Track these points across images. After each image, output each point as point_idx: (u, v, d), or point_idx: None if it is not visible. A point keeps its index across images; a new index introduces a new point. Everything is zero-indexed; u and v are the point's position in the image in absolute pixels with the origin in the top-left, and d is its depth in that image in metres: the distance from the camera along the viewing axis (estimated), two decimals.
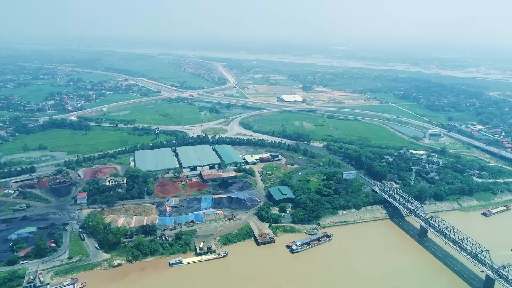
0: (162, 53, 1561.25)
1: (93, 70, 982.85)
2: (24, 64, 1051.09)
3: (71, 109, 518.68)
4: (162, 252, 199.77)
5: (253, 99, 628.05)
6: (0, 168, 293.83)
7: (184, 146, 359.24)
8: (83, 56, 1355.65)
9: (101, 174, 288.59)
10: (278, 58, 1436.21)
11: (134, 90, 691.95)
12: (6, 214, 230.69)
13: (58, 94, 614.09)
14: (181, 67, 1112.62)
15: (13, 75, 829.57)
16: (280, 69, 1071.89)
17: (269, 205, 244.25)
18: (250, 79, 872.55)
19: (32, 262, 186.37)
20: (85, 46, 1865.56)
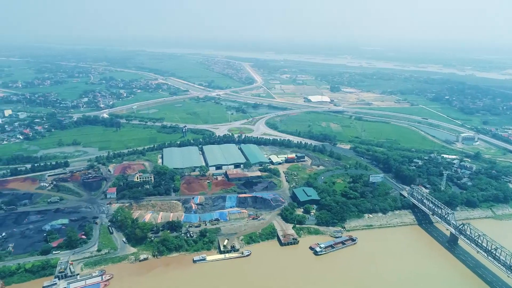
0: (191, 53, 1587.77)
1: (124, 69, 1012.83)
2: (61, 63, 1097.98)
3: (103, 107, 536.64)
4: (187, 248, 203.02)
5: (279, 99, 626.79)
6: (37, 162, 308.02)
7: (211, 144, 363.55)
8: (116, 55, 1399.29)
9: (130, 170, 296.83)
10: (306, 59, 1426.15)
11: (164, 89, 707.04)
12: (41, 205, 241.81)
13: (92, 92, 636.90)
14: (209, 66, 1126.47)
15: (50, 73, 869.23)
16: (307, 69, 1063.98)
17: (294, 206, 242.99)
18: (277, 79, 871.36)
19: (64, 253, 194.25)
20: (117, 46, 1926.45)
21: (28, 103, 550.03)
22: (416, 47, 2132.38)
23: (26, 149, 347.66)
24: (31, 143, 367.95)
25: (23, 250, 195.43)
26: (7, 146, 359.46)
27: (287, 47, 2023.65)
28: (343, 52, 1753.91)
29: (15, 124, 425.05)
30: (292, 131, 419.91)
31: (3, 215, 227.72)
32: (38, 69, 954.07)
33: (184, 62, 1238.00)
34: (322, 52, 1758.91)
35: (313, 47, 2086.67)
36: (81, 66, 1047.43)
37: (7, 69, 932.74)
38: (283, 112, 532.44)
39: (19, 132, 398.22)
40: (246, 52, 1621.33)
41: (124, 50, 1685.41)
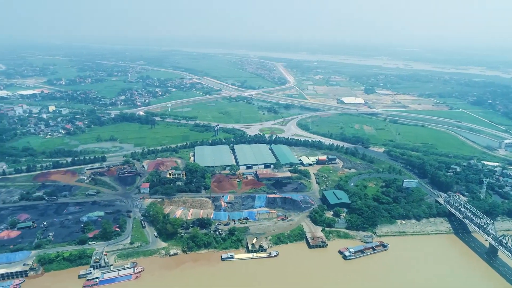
0: (225, 53, 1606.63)
1: (160, 68, 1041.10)
2: (101, 62, 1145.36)
3: (140, 105, 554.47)
4: (215, 246, 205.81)
5: (312, 100, 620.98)
6: (77, 156, 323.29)
7: (242, 144, 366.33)
8: (153, 55, 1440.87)
9: (163, 166, 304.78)
10: (340, 60, 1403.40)
11: (197, 88, 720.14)
12: (80, 198, 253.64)
13: (129, 90, 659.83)
14: (243, 66, 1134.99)
15: (91, 72, 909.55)
16: (341, 70, 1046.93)
17: (323, 209, 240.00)
18: (310, 80, 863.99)
19: (99, 244, 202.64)
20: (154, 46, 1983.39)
21: (70, 99, 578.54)
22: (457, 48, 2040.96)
23: (67, 144, 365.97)
24: (72, 138, 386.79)
25: (62, 239, 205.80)
26: (51, 140, 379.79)
27: (321, 48, 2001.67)
28: (378, 53, 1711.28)
29: (58, 120, 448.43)
30: (323, 132, 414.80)
31: (45, 205, 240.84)
32: (80, 67, 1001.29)
33: (218, 62, 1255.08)
34: (357, 53, 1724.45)
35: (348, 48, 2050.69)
36: (120, 65, 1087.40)
37: (53, 67, 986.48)
38: (315, 113, 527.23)
39: (61, 127, 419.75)
40: (279, 53, 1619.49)
41: (161, 50, 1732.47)
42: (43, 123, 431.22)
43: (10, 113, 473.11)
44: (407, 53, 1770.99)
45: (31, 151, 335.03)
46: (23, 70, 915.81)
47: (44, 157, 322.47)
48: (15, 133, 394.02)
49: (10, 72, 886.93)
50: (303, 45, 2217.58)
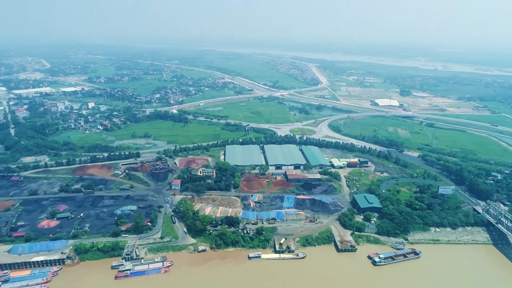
0: (258, 53, 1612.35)
1: (194, 67, 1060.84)
2: (138, 61, 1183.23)
3: (173, 103, 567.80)
4: (243, 244, 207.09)
5: (344, 102, 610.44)
6: (113, 151, 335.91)
7: (272, 144, 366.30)
8: (187, 54, 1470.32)
9: (194, 164, 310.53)
10: (375, 60, 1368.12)
11: (230, 88, 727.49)
12: (114, 191, 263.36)
13: (164, 88, 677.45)
14: (275, 67, 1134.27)
15: (128, 70, 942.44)
16: (376, 71, 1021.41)
17: (353, 212, 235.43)
18: (343, 81, 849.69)
19: (131, 237, 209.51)
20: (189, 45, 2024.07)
21: (108, 97, 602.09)
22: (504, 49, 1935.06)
23: (104, 139, 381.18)
24: (109, 134, 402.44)
25: (96, 230, 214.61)
26: (89, 135, 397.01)
27: (356, 49, 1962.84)
28: (416, 54, 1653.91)
29: (96, 116, 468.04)
30: (356, 135, 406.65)
31: (83, 198, 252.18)
32: (119, 66, 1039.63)
33: (250, 62, 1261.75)
34: (394, 54, 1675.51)
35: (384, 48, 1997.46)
36: (156, 64, 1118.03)
37: (93, 66, 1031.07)
38: (347, 115, 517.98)
39: (99, 123, 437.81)
40: (313, 53, 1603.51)
41: (195, 49, 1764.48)
42: (83, 119, 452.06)
43: (53, 108, 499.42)
44: (447, 54, 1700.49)
45: (71, 145, 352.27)
46: (66, 68, 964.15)
47: (82, 152, 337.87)
48: (57, 128, 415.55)
49: (55, 70, 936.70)
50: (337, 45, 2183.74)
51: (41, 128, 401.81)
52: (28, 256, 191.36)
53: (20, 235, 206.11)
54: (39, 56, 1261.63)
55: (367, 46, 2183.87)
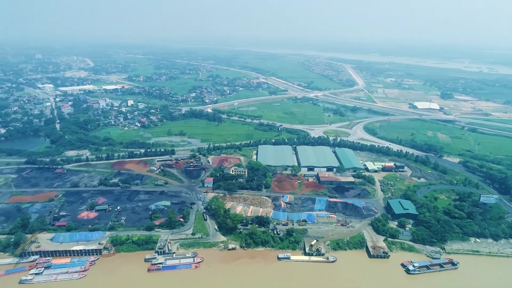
0: (293, 53, 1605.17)
1: (229, 67, 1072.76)
2: (176, 61, 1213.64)
3: (208, 102, 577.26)
4: (273, 245, 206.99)
5: (381, 104, 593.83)
6: (149, 148, 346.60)
7: (304, 145, 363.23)
8: (223, 54, 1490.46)
9: (226, 163, 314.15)
10: (415, 62, 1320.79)
11: (264, 88, 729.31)
12: (149, 187, 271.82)
13: (199, 88, 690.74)
14: (310, 67, 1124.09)
15: (166, 70, 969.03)
16: (415, 73, 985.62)
17: (387, 218, 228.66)
18: (380, 83, 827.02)
19: (164, 231, 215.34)
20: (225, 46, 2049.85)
21: (146, 95, 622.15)
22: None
23: (142, 136, 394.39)
24: (146, 131, 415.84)
25: (132, 224, 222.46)
26: (127, 132, 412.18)
27: (395, 49, 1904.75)
28: (460, 56, 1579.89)
29: (135, 113, 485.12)
30: (392, 138, 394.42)
31: (120, 192, 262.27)
32: (157, 65, 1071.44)
33: (285, 62, 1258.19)
34: (435, 55, 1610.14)
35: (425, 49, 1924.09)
36: (192, 64, 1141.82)
37: (133, 65, 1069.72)
38: (384, 117, 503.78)
39: (137, 120, 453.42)
40: (349, 54, 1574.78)
41: (231, 49, 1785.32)
42: (122, 116, 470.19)
43: (95, 105, 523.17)
44: (494, 55, 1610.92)
45: (111, 141, 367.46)
46: (108, 67, 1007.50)
47: (121, 147, 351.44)
48: (98, 124, 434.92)
49: (97, 68, 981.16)
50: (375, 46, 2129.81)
51: (84, 124, 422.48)
52: (69, 244, 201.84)
53: (62, 225, 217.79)
54: (84, 55, 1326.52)
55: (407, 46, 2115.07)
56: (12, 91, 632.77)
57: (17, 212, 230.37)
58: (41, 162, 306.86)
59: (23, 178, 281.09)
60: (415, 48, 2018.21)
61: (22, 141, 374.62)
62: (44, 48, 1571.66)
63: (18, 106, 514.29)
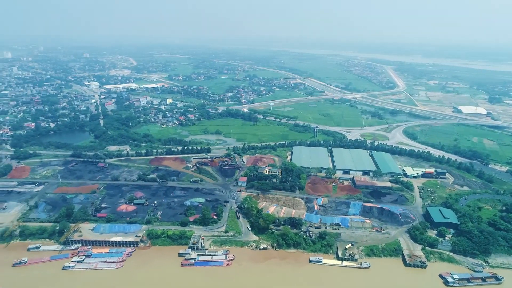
0: (331, 54, 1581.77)
1: (266, 67, 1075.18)
2: (214, 60, 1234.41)
3: (244, 102, 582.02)
4: (304, 247, 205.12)
5: (423, 107, 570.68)
6: (186, 145, 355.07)
7: (340, 148, 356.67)
8: (260, 55, 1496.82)
9: (260, 163, 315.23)
10: (461, 64, 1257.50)
11: (300, 89, 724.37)
12: (185, 183, 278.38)
13: (236, 87, 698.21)
14: (348, 68, 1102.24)
15: (204, 69, 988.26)
16: (461, 76, 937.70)
17: (425, 226, 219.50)
18: (422, 85, 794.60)
19: (198, 228, 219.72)
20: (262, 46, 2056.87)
21: (185, 94, 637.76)
22: None
23: (179, 133, 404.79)
24: (183, 129, 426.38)
25: (167, 219, 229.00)
26: (166, 129, 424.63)
27: (439, 50, 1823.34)
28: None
29: (173, 111, 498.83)
30: (433, 143, 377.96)
31: (157, 187, 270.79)
32: (196, 65, 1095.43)
33: (323, 63, 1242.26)
34: (484, 57, 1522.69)
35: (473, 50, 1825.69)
36: (230, 63, 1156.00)
37: (173, 64, 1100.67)
38: (425, 121, 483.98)
39: (175, 118, 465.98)
40: (390, 55, 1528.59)
41: (268, 50, 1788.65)
42: (161, 114, 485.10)
43: (136, 103, 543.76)
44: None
45: (150, 137, 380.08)
46: (149, 66, 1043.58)
47: (159, 144, 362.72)
48: (139, 120, 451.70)
49: (140, 67, 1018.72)
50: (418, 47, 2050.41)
51: (125, 121, 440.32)
52: (108, 235, 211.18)
53: (103, 216, 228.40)
54: (128, 54, 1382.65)
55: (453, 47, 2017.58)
56: (61, 88, 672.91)
57: (62, 202, 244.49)
58: (85, 156, 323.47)
59: (69, 170, 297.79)
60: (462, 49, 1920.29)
61: (69, 135, 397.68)
62: (92, 48, 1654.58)
63: (67, 102, 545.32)
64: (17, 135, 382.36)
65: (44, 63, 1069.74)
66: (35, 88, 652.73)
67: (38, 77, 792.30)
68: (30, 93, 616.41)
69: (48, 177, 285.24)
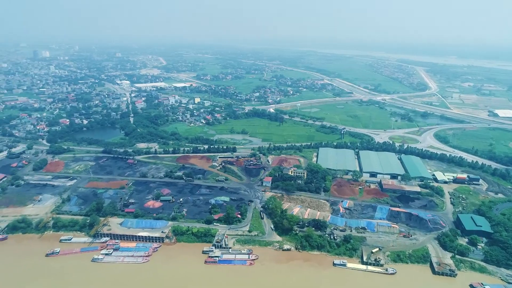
0: (360, 55, 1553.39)
1: (294, 68, 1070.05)
2: (242, 60, 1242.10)
3: (271, 102, 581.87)
4: (328, 250, 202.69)
5: (456, 110, 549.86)
6: (212, 144, 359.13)
7: (368, 150, 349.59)
8: (288, 55, 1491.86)
9: (286, 163, 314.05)
10: (500, 65, 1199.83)
11: (328, 90, 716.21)
12: (211, 182, 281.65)
13: (263, 87, 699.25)
14: (378, 69, 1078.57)
15: (232, 69, 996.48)
16: (498, 78, 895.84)
17: (456, 234, 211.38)
18: (456, 88, 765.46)
19: (222, 226, 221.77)
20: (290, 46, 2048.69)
21: (212, 93, 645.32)
22: None
23: (206, 132, 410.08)
24: (210, 128, 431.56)
25: (192, 216, 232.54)
26: (193, 128, 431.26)
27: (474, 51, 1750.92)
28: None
29: (200, 111, 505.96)
30: (466, 147, 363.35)
31: (183, 185, 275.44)
32: (224, 65, 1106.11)
33: (352, 64, 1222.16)
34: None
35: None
36: (258, 64, 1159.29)
37: (201, 64, 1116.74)
38: (458, 125, 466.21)
39: (203, 117, 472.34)
40: (422, 56, 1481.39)
41: (295, 50, 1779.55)
42: (189, 113, 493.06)
43: (165, 102, 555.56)
44: None
45: (177, 135, 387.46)
46: (178, 66, 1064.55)
47: (186, 142, 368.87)
48: (167, 119, 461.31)
49: (169, 67, 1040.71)
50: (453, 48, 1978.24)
51: (154, 119, 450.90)
52: (135, 230, 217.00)
53: (130, 211, 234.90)
54: (158, 54, 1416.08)
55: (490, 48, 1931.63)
56: (95, 86, 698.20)
57: (93, 196, 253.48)
58: (115, 152, 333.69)
59: (100, 166, 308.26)
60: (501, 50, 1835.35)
61: (101, 132, 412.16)
62: (124, 48, 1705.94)
63: (99, 100, 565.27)
64: (52, 131, 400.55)
65: (79, 62, 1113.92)
66: (70, 86, 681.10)
67: (74, 75, 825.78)
68: (66, 90, 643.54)
69: (80, 172, 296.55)
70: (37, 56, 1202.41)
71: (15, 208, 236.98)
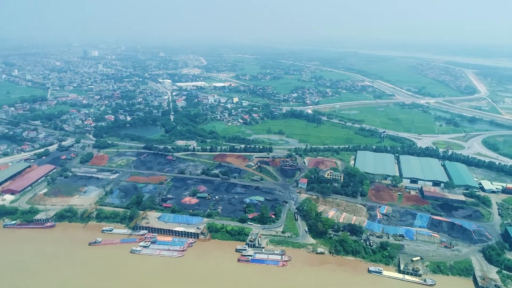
0: (403, 56, 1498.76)
1: (333, 69, 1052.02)
2: (280, 61, 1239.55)
3: (309, 103, 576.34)
4: (364, 256, 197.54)
5: (508, 116, 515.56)
6: (249, 143, 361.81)
7: (409, 155, 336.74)
8: (328, 56, 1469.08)
9: (322, 165, 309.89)
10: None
11: (368, 91, 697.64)
12: (246, 181, 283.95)
13: (301, 88, 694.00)
14: (423, 71, 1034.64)
15: (271, 70, 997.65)
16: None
17: (503, 247, 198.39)
18: (508, 92, 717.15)
19: (256, 226, 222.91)
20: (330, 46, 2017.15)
21: (250, 93, 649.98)
22: None
23: (243, 132, 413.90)
24: (247, 127, 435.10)
25: (227, 214, 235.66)
26: (230, 127, 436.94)
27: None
28: None
29: (238, 110, 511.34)
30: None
31: (219, 183, 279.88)
32: (262, 65, 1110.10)
33: (394, 65, 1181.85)
34: None
35: None
36: (297, 64, 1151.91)
37: (241, 64, 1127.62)
38: (509, 131, 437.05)
39: (240, 117, 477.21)
40: (471, 57, 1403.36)
41: (336, 51, 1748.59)
42: (227, 112, 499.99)
43: (204, 101, 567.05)
44: None
45: (215, 134, 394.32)
46: (218, 66, 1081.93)
47: (223, 141, 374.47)
48: (206, 118, 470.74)
49: (209, 67, 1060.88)
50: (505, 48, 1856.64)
51: (193, 117, 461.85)
52: (172, 225, 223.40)
53: (168, 206, 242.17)
54: (199, 54, 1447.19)
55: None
56: (138, 84, 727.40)
57: (133, 190, 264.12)
58: (156, 149, 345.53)
59: (141, 161, 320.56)
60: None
61: (143, 129, 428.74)
62: (167, 47, 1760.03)
63: (142, 98, 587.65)
64: (98, 126, 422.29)
65: (125, 61, 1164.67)
66: (116, 84, 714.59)
67: (119, 74, 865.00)
68: (112, 88, 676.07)
69: (123, 166, 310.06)
70: (87, 55, 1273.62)
71: (63, 198, 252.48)
